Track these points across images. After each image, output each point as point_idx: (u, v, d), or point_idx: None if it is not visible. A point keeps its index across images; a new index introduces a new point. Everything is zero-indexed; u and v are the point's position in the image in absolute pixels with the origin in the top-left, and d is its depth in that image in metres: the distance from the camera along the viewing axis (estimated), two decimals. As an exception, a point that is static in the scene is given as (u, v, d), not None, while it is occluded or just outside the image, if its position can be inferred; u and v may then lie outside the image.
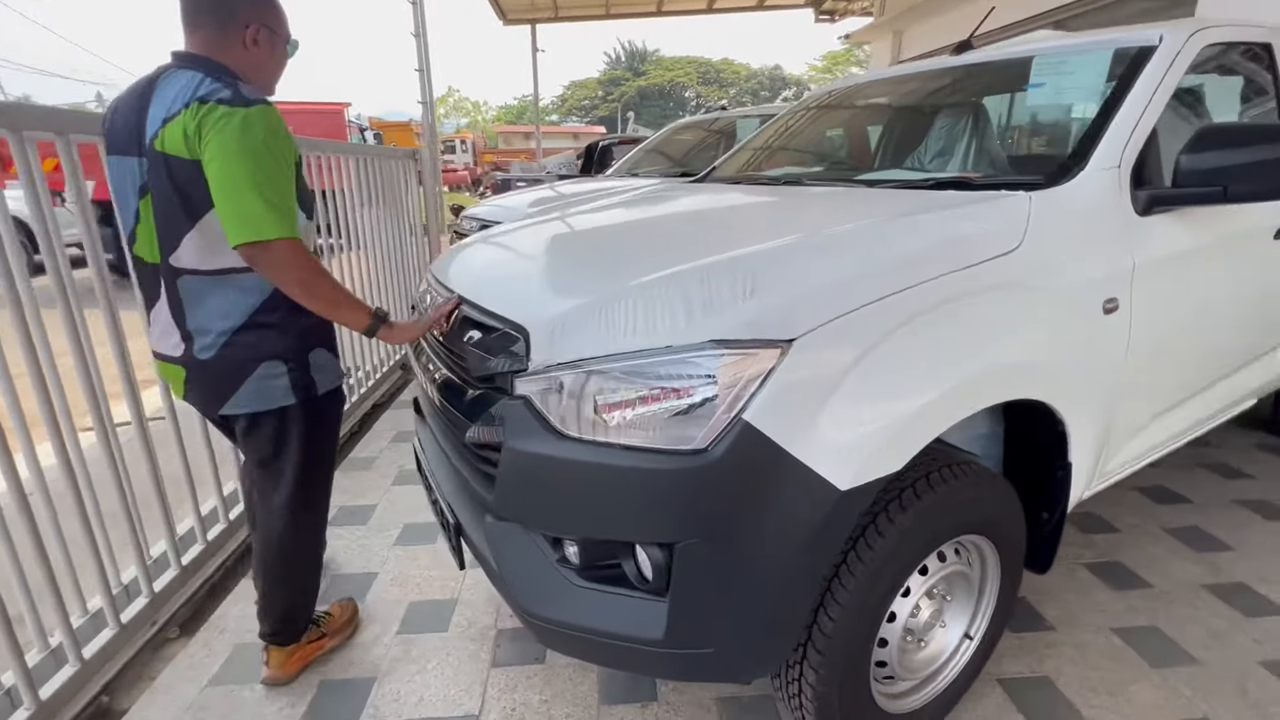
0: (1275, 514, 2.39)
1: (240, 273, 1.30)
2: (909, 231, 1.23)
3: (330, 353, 1.47)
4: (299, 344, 1.38)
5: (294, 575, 1.62)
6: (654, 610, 1.08)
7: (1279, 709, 1.55)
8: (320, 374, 1.43)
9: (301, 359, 1.39)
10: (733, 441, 0.97)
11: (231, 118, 1.17)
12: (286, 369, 1.37)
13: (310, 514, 1.60)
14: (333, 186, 3.14)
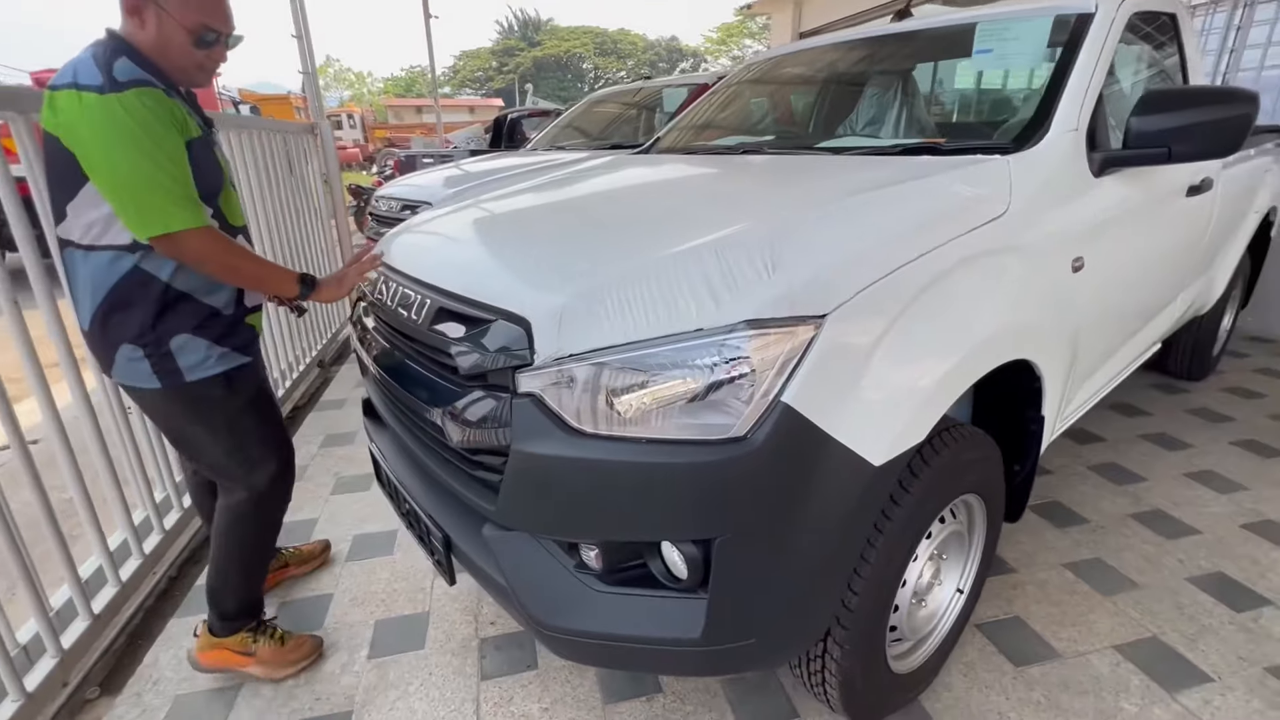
0: (1173, 445, 2.67)
1: (100, 250, 1.26)
2: (914, 197, 1.21)
3: (205, 338, 1.37)
4: (152, 330, 1.32)
5: (218, 555, 1.57)
6: (689, 609, 1.02)
7: (1210, 619, 1.73)
8: (187, 359, 1.35)
9: (159, 345, 1.32)
10: (773, 426, 0.91)
11: (98, 107, 1.14)
12: (144, 353, 1.32)
13: (227, 498, 1.54)
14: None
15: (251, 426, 1.49)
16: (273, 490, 1.55)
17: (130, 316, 1.30)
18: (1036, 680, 1.56)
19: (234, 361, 1.43)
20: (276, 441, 1.56)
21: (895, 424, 1.02)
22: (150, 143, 1.15)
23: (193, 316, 1.35)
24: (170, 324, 1.33)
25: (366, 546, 2.15)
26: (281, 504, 1.62)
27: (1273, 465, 2.50)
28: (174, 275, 1.31)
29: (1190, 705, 1.48)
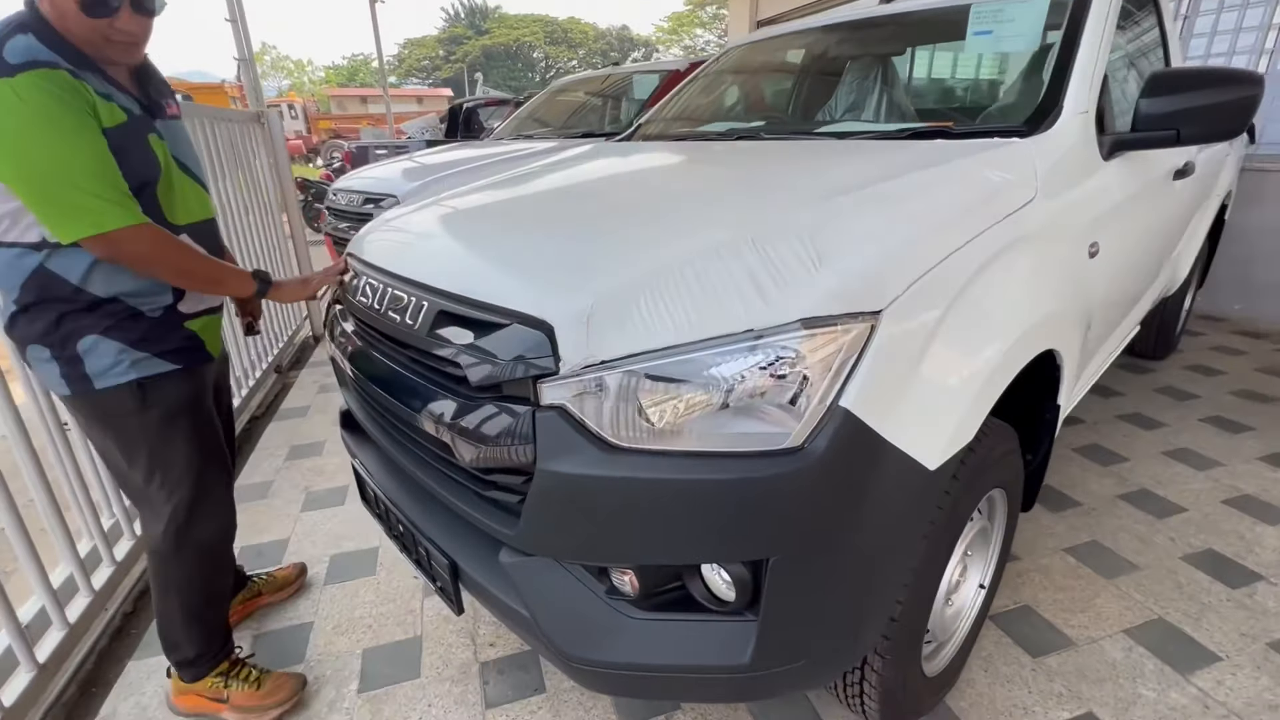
0: (1149, 424, 2.74)
1: (6, 247, 1.13)
2: (946, 183, 1.15)
3: (118, 340, 1.22)
4: (57, 329, 1.18)
5: (157, 602, 1.42)
6: (736, 632, 0.94)
7: (1209, 597, 1.76)
8: (94, 363, 1.20)
9: (66, 348, 1.19)
10: (832, 434, 0.84)
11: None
12: (51, 354, 1.20)
13: (146, 533, 1.37)
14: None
15: (174, 448, 1.30)
16: (199, 524, 1.36)
17: (38, 315, 1.18)
18: (1055, 670, 1.54)
19: (152, 369, 1.25)
20: (205, 466, 1.36)
21: (949, 424, 0.95)
22: (55, 133, 1.02)
23: (106, 317, 1.20)
24: (79, 324, 1.19)
25: (346, 567, 2.00)
26: (218, 539, 1.43)
27: (1241, 440, 2.59)
28: (87, 278, 1.16)
29: (1204, 686, 1.49)
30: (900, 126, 1.56)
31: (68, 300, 1.17)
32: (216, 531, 1.42)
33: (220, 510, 1.43)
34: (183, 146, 1.32)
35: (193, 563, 1.38)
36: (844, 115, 1.89)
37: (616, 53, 53.25)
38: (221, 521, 1.44)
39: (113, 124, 1.11)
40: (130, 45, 1.16)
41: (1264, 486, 2.27)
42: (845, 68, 2.06)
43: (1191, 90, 1.41)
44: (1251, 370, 3.27)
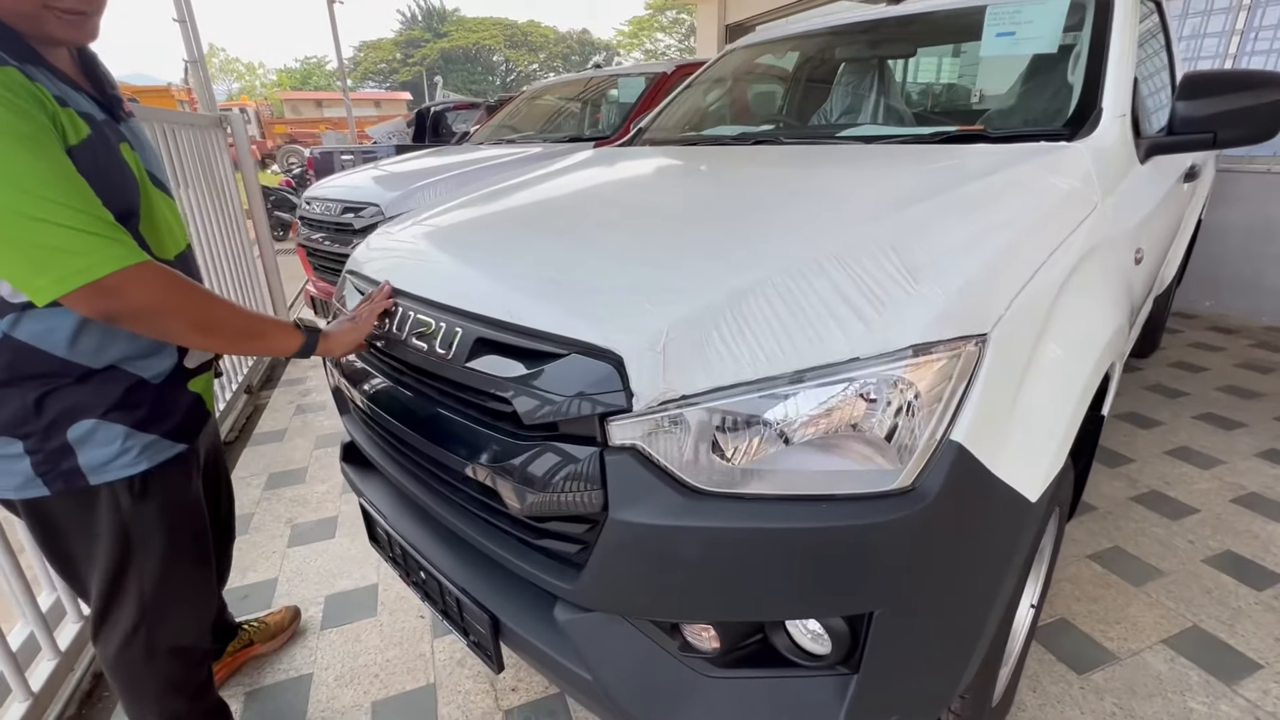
0: (1146, 423, 2.77)
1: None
2: (1016, 190, 1.08)
3: (123, 422, 0.95)
4: (40, 416, 0.90)
5: (134, 703, 1.16)
6: (829, 689, 0.85)
7: (1238, 601, 1.75)
8: (92, 454, 0.93)
9: (51, 438, 0.91)
10: (946, 472, 0.76)
11: None
12: (24, 448, 0.90)
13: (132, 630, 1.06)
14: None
15: (157, 541, 1.02)
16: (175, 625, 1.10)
17: (5, 399, 0.88)
18: (1103, 688, 1.50)
19: (162, 453, 1.00)
20: (190, 556, 1.10)
21: (1048, 452, 0.89)
22: (23, 154, 0.73)
23: (104, 392, 0.93)
24: (70, 404, 0.91)
25: (344, 608, 1.85)
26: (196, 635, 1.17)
27: (1236, 438, 2.63)
28: (75, 343, 0.89)
29: (1252, 697, 1.46)
30: (934, 130, 1.50)
31: (51, 376, 0.89)
32: (195, 628, 1.18)
33: (201, 605, 1.19)
34: (150, 154, 1.04)
35: (167, 669, 1.13)
36: (860, 118, 1.83)
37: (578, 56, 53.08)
38: (202, 616, 1.20)
39: (78, 139, 0.83)
40: (79, 17, 0.85)
41: (1267, 484, 2.29)
42: (855, 70, 2.01)
43: (1229, 93, 1.38)
44: (1232, 366, 3.35)
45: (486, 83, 49.82)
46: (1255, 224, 3.92)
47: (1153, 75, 1.98)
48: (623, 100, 3.76)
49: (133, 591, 1.04)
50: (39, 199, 0.73)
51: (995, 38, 1.72)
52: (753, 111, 2.22)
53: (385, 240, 1.42)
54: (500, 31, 51.21)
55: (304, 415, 3.16)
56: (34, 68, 0.82)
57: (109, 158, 0.88)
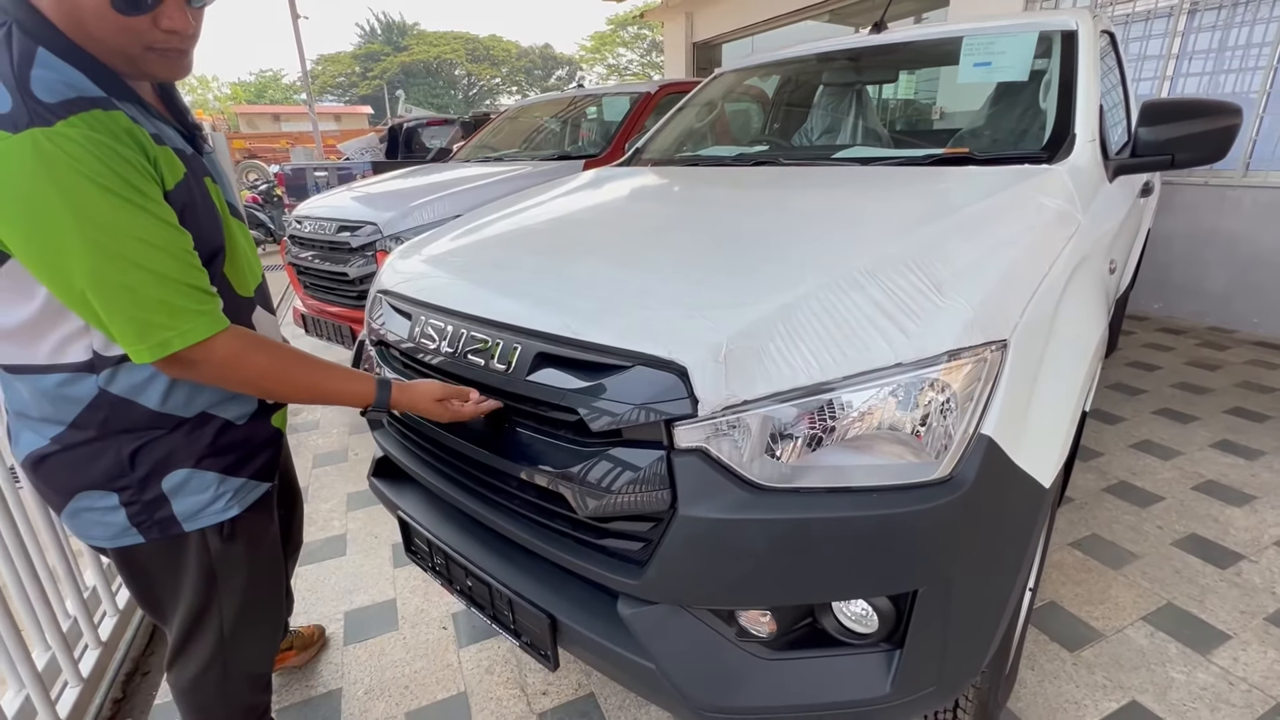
0: (1111, 419, 2.97)
1: (37, 372, 0.84)
2: (1018, 209, 1.20)
3: (215, 469, 0.96)
4: (135, 469, 0.90)
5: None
6: (875, 664, 0.94)
7: (1205, 579, 1.91)
8: (186, 503, 0.94)
9: (144, 489, 0.91)
10: (979, 463, 0.86)
11: (18, 156, 0.68)
12: (120, 501, 0.90)
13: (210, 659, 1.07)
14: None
15: (241, 576, 1.04)
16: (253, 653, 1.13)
17: (97, 455, 0.88)
18: (1093, 663, 1.63)
19: (253, 494, 1.02)
20: (270, 586, 1.13)
21: (1057, 443, 1.00)
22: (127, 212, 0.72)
23: (197, 439, 0.93)
24: (162, 455, 0.91)
25: (364, 624, 1.86)
26: (267, 664, 1.20)
27: (1192, 430, 2.84)
28: (166, 399, 0.90)
29: (1223, 664, 1.61)
30: (925, 153, 1.63)
31: (145, 429, 0.89)
32: (269, 654, 1.20)
33: (274, 632, 1.20)
34: (227, 185, 1.01)
35: (237, 694, 1.15)
36: (851, 141, 1.96)
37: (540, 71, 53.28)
38: (275, 642, 1.21)
39: (174, 181, 0.82)
40: (179, 54, 0.83)
41: (1221, 472, 2.49)
42: (843, 95, 2.14)
43: (1184, 119, 1.55)
44: (1182, 364, 3.60)
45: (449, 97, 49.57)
46: (1197, 232, 4.23)
47: (1110, 99, 2.17)
48: (607, 119, 3.86)
49: (213, 625, 1.05)
50: (129, 270, 0.74)
51: (973, 67, 1.88)
52: (749, 134, 2.34)
53: (415, 261, 1.47)
54: (462, 46, 51.05)
55: (296, 435, 3.14)
56: (134, 106, 0.81)
57: (201, 196, 0.88)
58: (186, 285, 0.78)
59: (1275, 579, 1.90)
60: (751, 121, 2.40)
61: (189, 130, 0.94)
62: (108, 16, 0.74)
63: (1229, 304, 4.16)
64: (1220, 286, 4.19)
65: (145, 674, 1.73)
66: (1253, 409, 3.02)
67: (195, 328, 0.79)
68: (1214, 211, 4.14)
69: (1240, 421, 2.90)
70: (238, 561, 1.02)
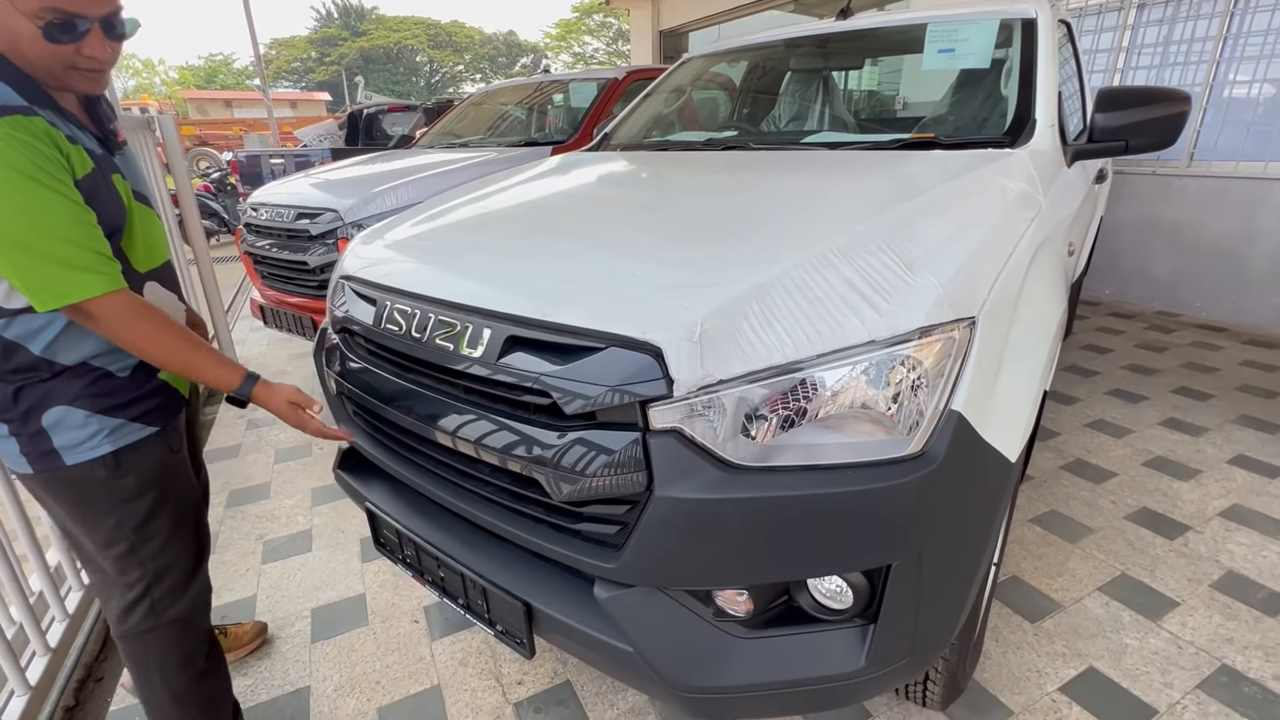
0: (1067, 400, 3.07)
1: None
2: (979, 191, 1.22)
3: (87, 408, 1.07)
4: (18, 404, 1.04)
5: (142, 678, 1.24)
6: (850, 639, 0.95)
7: (1155, 550, 2.00)
8: (64, 437, 1.06)
9: (29, 423, 1.05)
10: (949, 438, 0.87)
11: None
12: (9, 431, 1.05)
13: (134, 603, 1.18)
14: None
15: (151, 518, 1.15)
16: (177, 600, 1.21)
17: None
18: (1053, 633, 1.69)
19: (128, 436, 1.11)
20: (185, 534, 1.23)
21: (1022, 418, 1.02)
22: (30, 193, 0.88)
23: (73, 384, 1.06)
24: (43, 394, 1.05)
25: (332, 620, 1.82)
26: (199, 613, 1.27)
27: (1141, 409, 2.96)
28: (52, 345, 1.04)
29: (1173, 629, 1.69)
30: (892, 138, 1.65)
31: (28, 370, 1.03)
32: (194, 599, 1.26)
33: (196, 575, 1.27)
34: (137, 175, 1.17)
35: (171, 639, 1.23)
36: (819, 126, 1.97)
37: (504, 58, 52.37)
38: (198, 588, 1.27)
39: (84, 173, 0.98)
40: (96, 74, 1.01)
41: (1170, 448, 2.61)
42: (810, 80, 2.15)
43: (1137, 106, 1.59)
44: (1132, 347, 3.75)
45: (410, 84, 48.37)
46: (1145, 220, 4.40)
47: (1067, 88, 2.22)
48: (575, 105, 3.81)
49: (131, 561, 1.15)
50: (51, 233, 0.91)
51: (937, 53, 1.90)
52: (717, 119, 2.34)
53: (379, 246, 1.43)
54: (423, 31, 49.82)
55: (257, 430, 3.04)
56: (52, 113, 0.97)
57: (106, 187, 1.03)
58: (88, 250, 0.94)
59: (1219, 548, 2.00)
60: (719, 107, 2.40)
61: (104, 134, 1.11)
62: (39, 43, 0.92)
63: (1175, 289, 4.34)
64: (1166, 272, 4.37)
65: (99, 680, 1.66)
66: (1197, 388, 3.16)
67: (91, 284, 0.94)
68: (1160, 200, 4.31)
69: (1186, 400, 3.03)
70: (132, 493, 1.13)
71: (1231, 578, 1.87)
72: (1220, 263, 4.10)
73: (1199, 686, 1.52)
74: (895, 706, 1.48)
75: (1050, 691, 1.52)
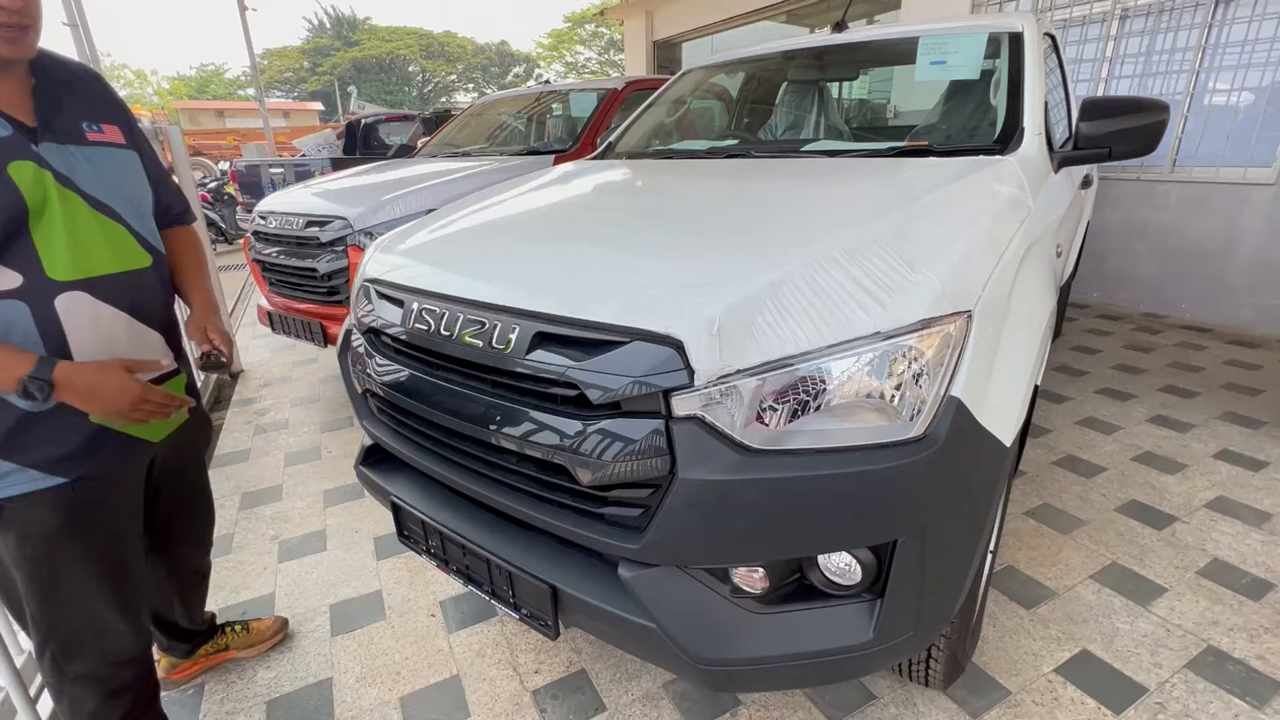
0: (1058, 399, 3.16)
1: None
2: (973, 195, 1.30)
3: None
4: None
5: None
6: (859, 614, 1.02)
7: (1144, 540, 2.08)
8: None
9: None
10: (949, 422, 0.94)
11: None
12: None
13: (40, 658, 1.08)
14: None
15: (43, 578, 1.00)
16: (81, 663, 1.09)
17: None
18: (1047, 618, 1.76)
19: (23, 485, 0.96)
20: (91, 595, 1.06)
21: (1017, 405, 1.09)
22: None
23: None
24: None
25: (350, 615, 1.87)
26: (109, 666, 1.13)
27: (1130, 407, 3.05)
28: None
29: (1161, 614, 1.76)
30: (889, 145, 1.73)
31: None
32: (100, 660, 1.13)
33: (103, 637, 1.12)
34: (105, 178, 1.06)
35: (80, 695, 1.13)
36: (818, 135, 2.05)
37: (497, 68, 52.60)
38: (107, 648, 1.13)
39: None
40: (15, 31, 0.90)
41: (1157, 443, 2.69)
42: (808, 91, 2.24)
43: (1119, 115, 1.68)
44: (1120, 348, 3.85)
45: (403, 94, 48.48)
46: (1131, 224, 4.52)
47: (1053, 97, 2.32)
48: (575, 115, 3.89)
49: (24, 609, 1.05)
50: None
51: (929, 65, 1.99)
52: (716, 129, 2.42)
53: (401, 251, 1.49)
54: (416, 41, 49.97)
55: (265, 435, 3.08)
56: None
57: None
58: None
59: (1205, 537, 2.08)
60: (718, 117, 2.48)
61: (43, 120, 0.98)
62: None
63: (1160, 291, 4.45)
64: (1152, 275, 4.48)
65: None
66: (1183, 386, 3.26)
67: None
68: (1145, 205, 4.43)
69: (1173, 398, 3.13)
70: (12, 552, 0.98)
71: (1217, 565, 1.95)
72: (1203, 266, 4.21)
73: (1187, 666, 1.59)
74: (898, 688, 1.54)
75: (1046, 673, 1.58)
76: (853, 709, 1.49)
